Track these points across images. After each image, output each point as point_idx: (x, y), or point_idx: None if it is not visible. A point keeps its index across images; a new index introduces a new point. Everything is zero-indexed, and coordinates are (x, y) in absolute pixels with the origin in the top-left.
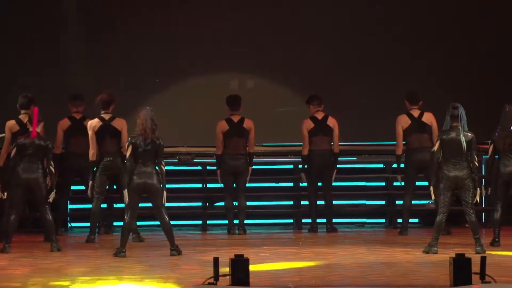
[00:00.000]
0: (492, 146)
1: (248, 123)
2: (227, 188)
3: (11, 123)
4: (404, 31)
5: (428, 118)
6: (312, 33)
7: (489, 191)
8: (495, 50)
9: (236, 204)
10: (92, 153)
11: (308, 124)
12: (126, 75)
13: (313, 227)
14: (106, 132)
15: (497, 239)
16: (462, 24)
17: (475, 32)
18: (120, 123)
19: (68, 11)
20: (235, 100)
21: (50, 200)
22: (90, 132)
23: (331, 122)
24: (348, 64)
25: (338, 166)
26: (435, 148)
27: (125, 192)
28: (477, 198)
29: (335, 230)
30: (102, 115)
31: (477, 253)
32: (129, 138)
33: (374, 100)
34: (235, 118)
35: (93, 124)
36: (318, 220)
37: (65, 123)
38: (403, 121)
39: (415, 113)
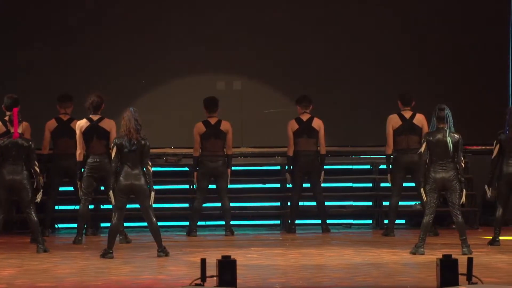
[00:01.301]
0: (498, 146)
1: (225, 125)
2: (201, 189)
3: None
4: (393, 34)
5: (420, 120)
6: (300, 34)
7: (490, 192)
8: (487, 52)
9: (220, 205)
10: (78, 153)
11: (293, 126)
12: (113, 76)
13: (291, 228)
14: (94, 133)
15: (497, 239)
16: (455, 25)
17: (469, 33)
18: (109, 124)
19: (61, 13)
20: (212, 102)
21: (38, 200)
22: (77, 132)
23: (316, 123)
24: (336, 66)
25: (325, 167)
26: (422, 149)
27: (111, 193)
28: (463, 199)
29: (329, 230)
30: (90, 115)
31: (464, 254)
32: (114, 140)
33: (362, 101)
34: (212, 120)
35: (80, 124)
36: (311, 221)
37: (52, 124)
38: (394, 121)
39: (407, 114)
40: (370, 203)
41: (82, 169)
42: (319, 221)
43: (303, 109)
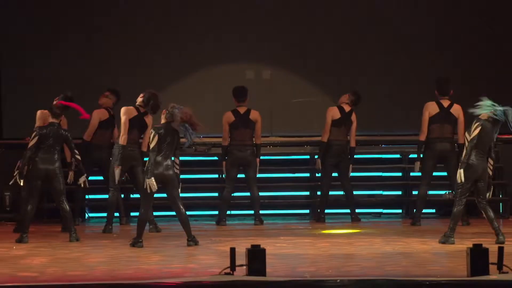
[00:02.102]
0: None
1: (254, 115)
2: (230, 179)
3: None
4: (427, 20)
5: (456, 110)
6: (329, 22)
7: None
8: None
9: (249, 195)
10: (124, 137)
11: (334, 113)
12: (142, 66)
13: (320, 217)
14: (137, 123)
15: None
16: (493, 13)
17: (506, 21)
18: (149, 120)
19: (99, 5)
20: (242, 91)
21: (81, 183)
22: (124, 118)
23: (354, 116)
24: (366, 54)
25: (355, 156)
26: (475, 133)
27: (152, 180)
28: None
29: (359, 219)
30: (138, 106)
31: (499, 242)
32: (156, 129)
33: (392, 90)
34: (242, 110)
35: (129, 110)
36: (341, 211)
37: (103, 114)
38: (431, 108)
39: (445, 103)
40: (399, 192)
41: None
42: (348, 211)
43: (347, 100)
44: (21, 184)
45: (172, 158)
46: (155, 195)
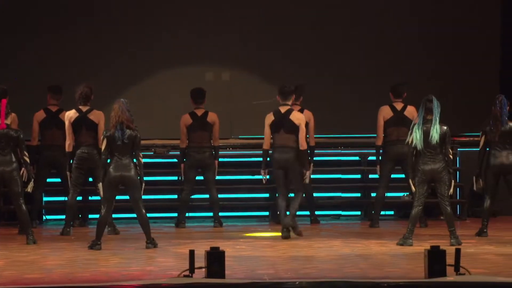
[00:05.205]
0: (483, 137)
1: (212, 117)
2: (188, 181)
3: None
4: (383, 22)
5: (411, 112)
6: (288, 24)
7: (481, 183)
8: (476, 43)
9: (208, 197)
10: (68, 144)
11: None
12: (100, 67)
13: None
14: (82, 124)
15: (485, 230)
16: (447, 17)
17: (459, 25)
18: (97, 116)
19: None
20: (199, 93)
21: (30, 190)
22: (66, 123)
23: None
24: (324, 56)
25: (314, 158)
26: (409, 140)
27: (100, 185)
28: (451, 190)
29: (318, 221)
30: (80, 106)
31: (452, 245)
32: (104, 132)
33: (350, 92)
34: (199, 112)
35: (69, 115)
36: (300, 213)
37: (40, 115)
38: (385, 112)
39: (398, 106)
40: (358, 195)
41: (71, 160)
42: (307, 213)
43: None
44: None
45: (134, 160)
46: (117, 197)
